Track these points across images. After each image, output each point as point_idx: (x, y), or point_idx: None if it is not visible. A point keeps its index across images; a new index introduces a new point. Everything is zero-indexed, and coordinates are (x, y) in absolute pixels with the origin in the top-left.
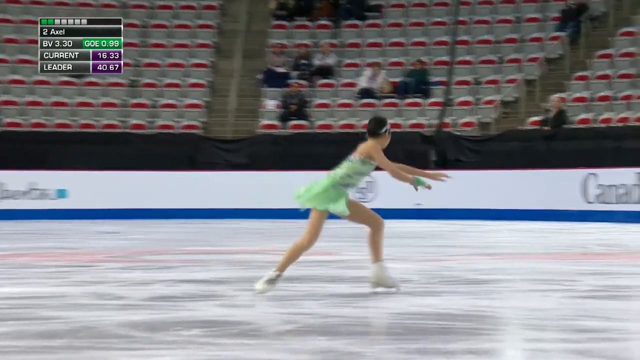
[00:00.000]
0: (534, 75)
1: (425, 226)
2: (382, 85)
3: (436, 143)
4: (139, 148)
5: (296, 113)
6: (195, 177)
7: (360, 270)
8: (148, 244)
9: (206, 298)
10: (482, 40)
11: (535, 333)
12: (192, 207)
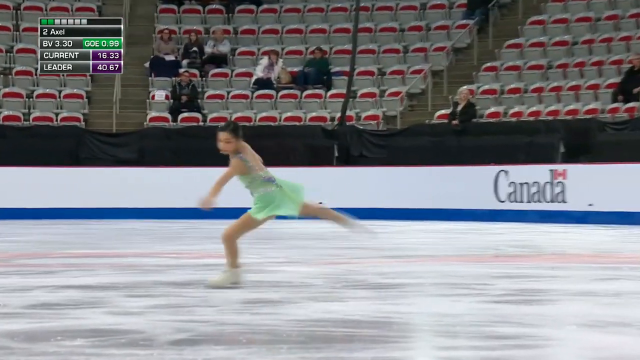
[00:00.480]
0: (441, 66)
1: (327, 227)
2: (279, 75)
3: (339, 138)
4: (14, 142)
5: (187, 104)
6: (77, 174)
7: (259, 275)
8: (25, 246)
9: (91, 305)
10: (386, 28)
11: (445, 340)
12: (74, 206)
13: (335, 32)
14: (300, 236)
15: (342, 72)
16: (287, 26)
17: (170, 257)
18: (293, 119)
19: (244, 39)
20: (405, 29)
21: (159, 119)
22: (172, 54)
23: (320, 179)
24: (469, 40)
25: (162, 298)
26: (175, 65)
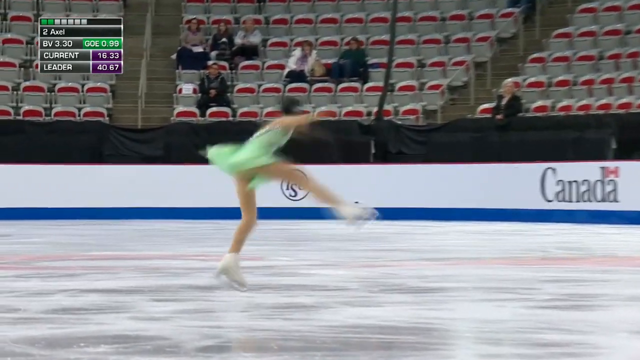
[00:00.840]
0: (485, 57)
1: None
2: (313, 67)
3: (375, 133)
4: (34, 138)
5: (216, 99)
6: (100, 172)
7: (292, 278)
8: (45, 248)
9: (115, 310)
10: (426, 17)
11: (489, 348)
12: (96, 205)
13: (372, 21)
14: (335, 237)
15: (379, 64)
16: (322, 15)
17: (197, 259)
18: (328, 114)
19: (275, 29)
20: (447, 17)
21: (186, 113)
22: (200, 45)
23: (356, 177)
24: (514, 30)
25: (189, 303)
26: (204, 57)
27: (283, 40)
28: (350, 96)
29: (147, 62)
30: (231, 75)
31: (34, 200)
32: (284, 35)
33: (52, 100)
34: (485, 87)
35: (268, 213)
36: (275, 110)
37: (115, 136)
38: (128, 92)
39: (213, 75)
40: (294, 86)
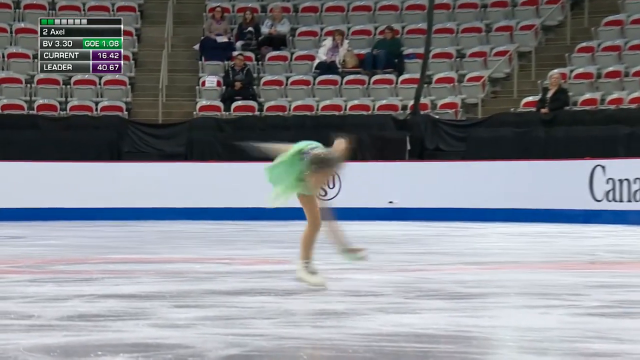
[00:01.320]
0: (529, 47)
1: (399, 229)
2: (345, 58)
3: (411, 129)
4: (48, 134)
5: (241, 92)
6: (118, 170)
7: None
8: (61, 251)
9: (134, 316)
10: (466, 4)
11: (532, 358)
12: (114, 206)
13: (407, 9)
14: (368, 240)
15: (415, 55)
16: (354, 3)
17: (222, 263)
18: (360, 108)
19: (305, 18)
20: (488, 4)
21: (210, 108)
22: (224, 35)
23: (391, 175)
24: (561, 17)
25: (212, 309)
26: (228, 48)
27: (313, 29)
28: (384, 89)
29: (168, 53)
30: (257, 67)
31: (48, 200)
32: (314, 24)
33: (68, 93)
34: (530, 78)
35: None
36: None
37: (134, 132)
38: (148, 85)
39: (238, 67)
40: (324, 78)
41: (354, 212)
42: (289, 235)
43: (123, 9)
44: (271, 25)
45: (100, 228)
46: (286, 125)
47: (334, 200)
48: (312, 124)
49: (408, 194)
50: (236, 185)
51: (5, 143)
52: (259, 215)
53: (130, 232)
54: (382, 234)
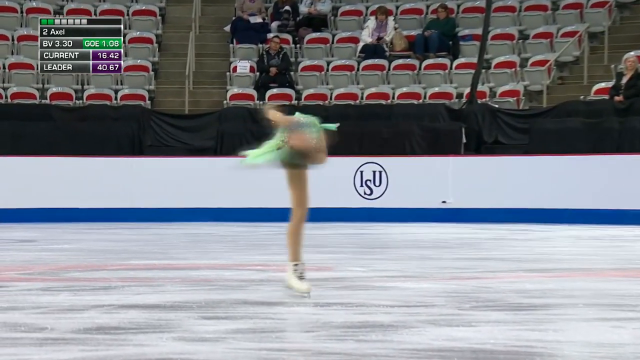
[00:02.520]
0: (601, 27)
1: (453, 232)
2: (392, 40)
3: (467, 119)
4: (63, 126)
5: (277, 78)
6: (140, 166)
7: (366, 292)
8: (77, 256)
9: (158, 329)
10: None
11: None
12: (136, 206)
13: None
14: (418, 244)
15: (472, 36)
16: None
17: (254, 269)
18: (409, 96)
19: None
20: None
21: (242, 96)
22: (258, 14)
23: (443, 171)
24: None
25: (244, 321)
26: (263, 29)
27: (357, 8)
28: (437, 75)
29: (196, 36)
30: (295, 51)
31: (62, 199)
32: (358, 2)
33: (84, 81)
34: (602, 62)
35: (339, 214)
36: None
37: (158, 123)
38: (173, 72)
39: (274, 51)
40: (369, 63)
41: (403, 212)
42: (330, 239)
43: None
44: (310, 4)
45: (120, 230)
46: (327, 115)
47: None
48: (355, 114)
49: (463, 193)
50: (271, 183)
51: (15, 136)
52: None
53: (154, 235)
54: (433, 237)
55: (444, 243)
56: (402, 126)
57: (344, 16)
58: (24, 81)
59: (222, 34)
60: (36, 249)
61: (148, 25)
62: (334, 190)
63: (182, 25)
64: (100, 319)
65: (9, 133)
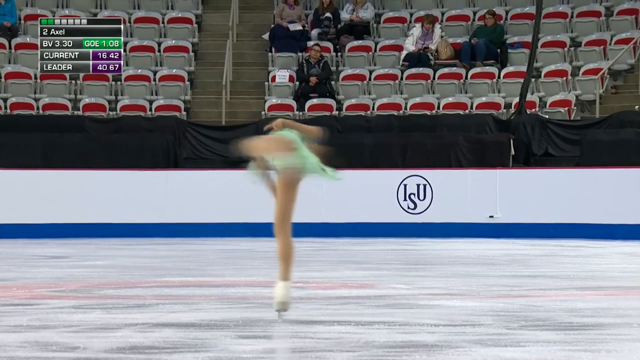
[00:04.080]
0: None
1: (500, 248)
2: (438, 48)
3: (516, 130)
4: (96, 138)
5: (317, 88)
6: (175, 179)
7: (409, 310)
8: (110, 273)
9: (193, 348)
10: None
11: None
12: (171, 221)
13: None
14: (463, 260)
15: (521, 44)
16: None
17: (294, 286)
18: (455, 106)
19: (391, 2)
20: None
21: (281, 106)
22: (298, 22)
23: (491, 184)
24: None
25: (283, 340)
26: (303, 37)
27: (401, 15)
28: (484, 84)
29: (233, 44)
30: (336, 59)
31: (95, 214)
32: (402, 8)
33: (118, 91)
34: None
35: (381, 229)
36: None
37: (194, 135)
38: (210, 81)
39: (314, 60)
40: (413, 72)
41: (448, 227)
42: (372, 255)
43: None
44: (352, 11)
45: (154, 246)
46: (369, 126)
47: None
48: (399, 125)
49: (511, 207)
50: (311, 197)
51: (46, 148)
52: (338, 232)
53: (189, 251)
54: (480, 254)
55: (491, 259)
56: (448, 137)
57: (387, 23)
58: (56, 92)
59: (260, 42)
60: (68, 266)
61: (184, 33)
62: (376, 204)
63: (219, 33)
64: (133, 338)
65: (40, 145)
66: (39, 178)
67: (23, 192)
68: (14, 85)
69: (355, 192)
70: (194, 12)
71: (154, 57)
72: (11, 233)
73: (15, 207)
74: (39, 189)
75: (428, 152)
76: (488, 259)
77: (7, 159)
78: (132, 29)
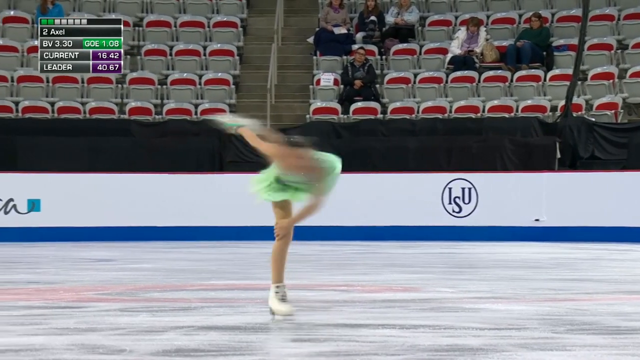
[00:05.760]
0: None
1: (546, 252)
2: (483, 51)
3: (562, 133)
4: (142, 142)
5: (362, 91)
6: (221, 183)
7: (454, 314)
8: (156, 275)
9: (239, 351)
10: None
11: None
12: (216, 224)
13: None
14: (509, 264)
15: (567, 46)
16: None
17: (339, 290)
18: (500, 109)
19: (436, 5)
20: None
21: (326, 110)
22: (343, 25)
23: (537, 187)
24: None
25: (328, 343)
26: (347, 41)
27: (446, 18)
28: (530, 87)
29: (278, 48)
30: (381, 62)
31: (141, 217)
32: (447, 11)
33: (163, 95)
34: None
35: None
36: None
37: (239, 138)
38: (254, 85)
39: (359, 63)
40: (458, 75)
41: (494, 231)
42: (417, 258)
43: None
44: (397, 14)
45: (200, 249)
46: (413, 130)
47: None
48: (444, 129)
49: (558, 211)
50: (355, 199)
51: (93, 152)
52: (382, 235)
53: (234, 254)
54: (526, 257)
55: (536, 263)
56: (493, 141)
57: (432, 26)
58: (102, 96)
59: (305, 45)
60: (114, 269)
61: (229, 37)
62: (420, 207)
63: (264, 37)
64: (179, 340)
65: (87, 149)
66: (86, 181)
67: (69, 195)
68: (61, 90)
69: (400, 195)
70: (239, 16)
71: (199, 61)
72: (58, 236)
73: (62, 210)
74: (85, 193)
75: (473, 156)
76: (534, 263)
77: (54, 162)
78: (178, 33)
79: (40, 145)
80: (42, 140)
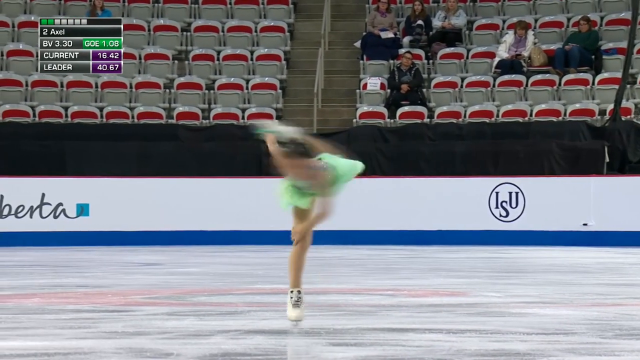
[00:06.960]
0: None
1: (594, 256)
2: (531, 55)
3: (611, 137)
4: (189, 147)
5: (409, 95)
6: (267, 187)
7: (502, 318)
8: (203, 280)
9: (285, 355)
10: None
11: None
12: (262, 228)
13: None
14: (556, 268)
15: (616, 50)
16: None
17: (384, 294)
18: (548, 113)
19: (484, 9)
20: None
21: (372, 114)
22: (390, 29)
23: (584, 192)
24: None
25: (374, 347)
26: (394, 45)
27: (493, 21)
28: (578, 90)
29: (325, 52)
30: (428, 67)
31: (188, 221)
32: (495, 15)
33: (211, 99)
34: None
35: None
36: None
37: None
38: (301, 89)
39: (405, 67)
40: (505, 79)
41: (541, 235)
42: (464, 263)
43: (274, 2)
44: (444, 18)
45: (246, 254)
46: (461, 134)
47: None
48: (491, 133)
49: (606, 215)
50: (402, 204)
51: (140, 156)
52: (429, 239)
53: (280, 258)
54: (574, 262)
55: (584, 268)
56: (541, 145)
57: (479, 30)
58: (150, 101)
59: (352, 50)
60: (162, 273)
61: (276, 41)
62: (467, 212)
63: (311, 42)
64: (226, 344)
65: (135, 154)
66: (134, 186)
67: (118, 200)
68: (110, 95)
69: (446, 200)
70: (286, 21)
71: (246, 66)
72: (106, 240)
73: (111, 214)
74: (133, 197)
75: (520, 160)
76: (581, 267)
77: (102, 167)
78: (225, 38)
79: (89, 150)
80: (90, 145)
